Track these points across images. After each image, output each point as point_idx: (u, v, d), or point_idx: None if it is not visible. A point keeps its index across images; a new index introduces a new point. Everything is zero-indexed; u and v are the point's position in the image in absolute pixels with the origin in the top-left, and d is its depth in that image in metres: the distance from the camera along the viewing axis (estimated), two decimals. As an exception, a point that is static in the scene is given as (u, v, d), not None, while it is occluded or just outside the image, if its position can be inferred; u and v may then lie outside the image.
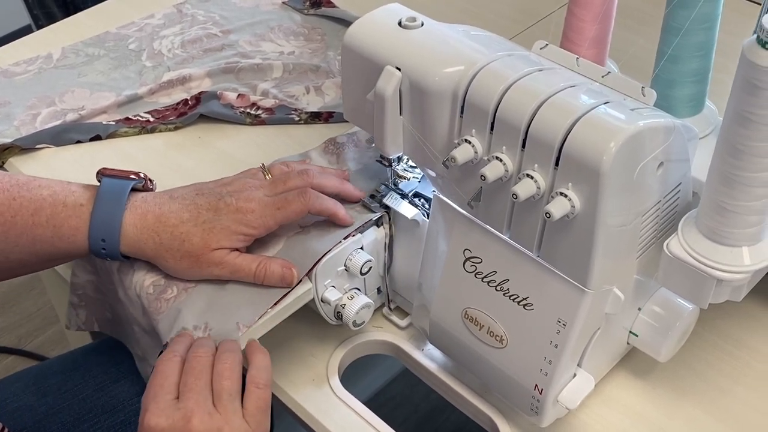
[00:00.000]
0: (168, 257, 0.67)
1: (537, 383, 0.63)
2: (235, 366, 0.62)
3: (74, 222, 0.67)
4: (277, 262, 0.67)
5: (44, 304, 1.83)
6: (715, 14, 0.66)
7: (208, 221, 0.67)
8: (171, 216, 0.67)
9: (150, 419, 0.58)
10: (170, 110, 0.90)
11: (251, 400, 0.61)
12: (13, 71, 0.97)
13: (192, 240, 0.66)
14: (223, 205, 0.68)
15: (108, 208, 0.67)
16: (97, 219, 0.67)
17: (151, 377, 0.61)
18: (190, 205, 0.68)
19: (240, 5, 1.07)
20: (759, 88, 0.50)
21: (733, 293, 0.60)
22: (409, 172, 0.75)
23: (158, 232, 0.67)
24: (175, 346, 0.63)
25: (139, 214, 0.67)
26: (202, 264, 0.67)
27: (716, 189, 0.56)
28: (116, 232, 0.67)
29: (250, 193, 0.68)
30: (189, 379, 0.60)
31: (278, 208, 0.68)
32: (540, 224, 0.59)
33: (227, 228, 0.67)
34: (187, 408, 0.58)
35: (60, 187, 0.68)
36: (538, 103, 0.56)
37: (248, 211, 0.67)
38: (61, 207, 0.67)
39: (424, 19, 0.66)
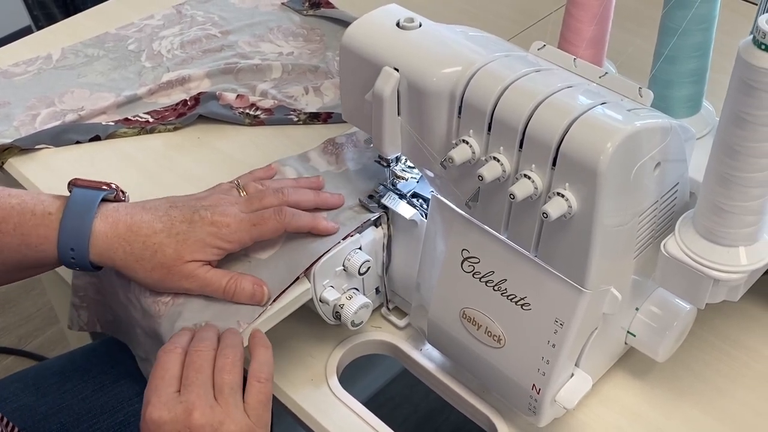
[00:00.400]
0: (138, 268, 0.66)
1: (535, 383, 0.63)
2: (237, 361, 0.62)
3: (42, 231, 0.66)
4: (248, 279, 0.67)
5: (44, 304, 1.84)
6: (712, 15, 0.66)
7: (182, 233, 0.66)
8: (143, 226, 0.66)
9: (152, 412, 0.58)
10: (169, 111, 0.90)
11: (252, 394, 0.61)
12: (13, 72, 0.97)
13: (165, 251, 0.66)
14: (198, 217, 0.67)
15: (77, 216, 0.66)
16: (66, 228, 0.66)
17: (153, 369, 0.61)
18: (164, 217, 0.67)
19: (239, 6, 1.07)
20: (755, 88, 0.50)
21: (730, 293, 0.60)
22: (407, 173, 0.75)
23: (129, 242, 0.66)
24: (177, 338, 0.64)
25: (110, 223, 0.66)
26: (173, 276, 0.66)
27: (713, 189, 0.56)
28: (85, 241, 0.66)
29: (225, 208, 0.68)
30: (190, 373, 0.60)
31: (254, 225, 0.67)
32: (537, 224, 0.59)
33: (201, 240, 0.66)
34: (188, 401, 0.58)
35: (29, 197, 0.68)
36: (535, 104, 0.57)
37: (223, 225, 0.67)
38: (29, 216, 0.66)
39: (422, 20, 0.66)
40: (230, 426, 0.58)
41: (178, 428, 0.57)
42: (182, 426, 0.57)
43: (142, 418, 0.58)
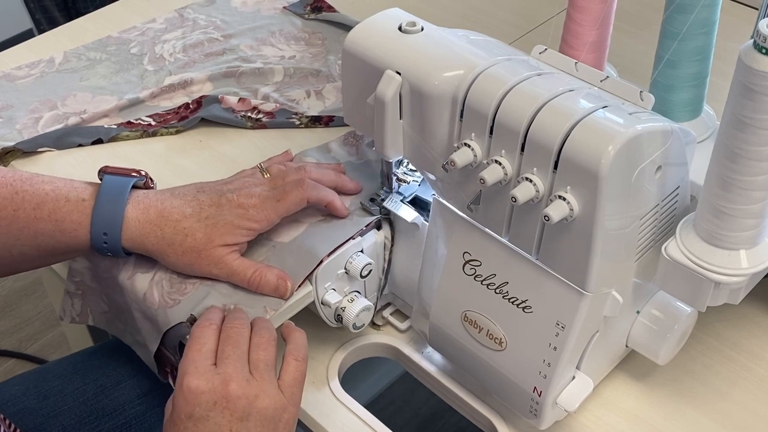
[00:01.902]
0: (170, 252, 0.68)
1: (536, 386, 0.63)
2: (272, 340, 0.63)
3: (76, 216, 0.68)
4: (273, 272, 0.68)
5: (44, 307, 1.84)
6: (713, 19, 0.66)
7: (211, 216, 0.68)
8: (174, 211, 0.68)
9: (190, 381, 0.59)
10: (171, 114, 0.90)
11: (288, 372, 0.62)
12: (16, 75, 0.97)
13: (195, 235, 0.67)
14: (225, 201, 0.68)
15: (110, 203, 0.68)
16: (99, 213, 0.67)
17: (189, 343, 0.62)
18: (192, 201, 0.69)
19: (241, 10, 1.07)
20: (756, 92, 0.50)
21: (731, 296, 0.61)
22: (408, 176, 0.76)
23: (161, 227, 0.67)
24: (210, 315, 0.65)
25: (142, 209, 0.68)
26: (202, 260, 0.67)
27: (714, 193, 0.56)
28: (118, 227, 0.67)
29: (250, 189, 0.69)
30: (226, 347, 0.61)
31: (278, 200, 0.69)
32: (539, 227, 0.59)
33: (230, 223, 0.67)
34: (226, 373, 0.59)
35: (62, 183, 0.69)
36: (537, 107, 0.57)
37: (250, 206, 0.68)
38: (63, 202, 0.68)
39: (424, 24, 0.66)
40: (265, 400, 0.59)
41: (215, 398, 0.58)
42: (219, 396, 0.58)
43: (179, 387, 0.59)
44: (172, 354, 0.69)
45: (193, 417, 0.58)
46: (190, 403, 0.58)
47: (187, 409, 0.58)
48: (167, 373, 0.71)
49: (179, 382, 0.60)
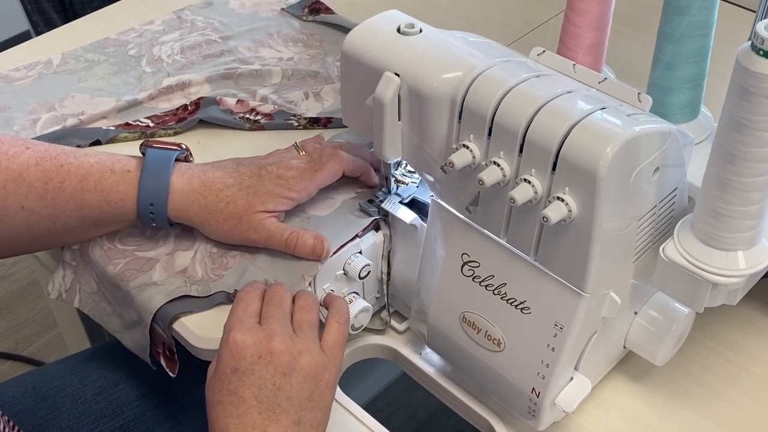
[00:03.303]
0: (212, 220, 0.70)
1: (534, 387, 0.64)
2: (315, 305, 0.66)
3: (123, 187, 0.70)
4: (310, 234, 0.70)
5: (41, 309, 1.84)
6: (710, 21, 0.66)
7: (252, 186, 0.71)
8: (216, 181, 0.71)
9: (236, 336, 0.60)
10: (170, 115, 0.90)
11: (331, 333, 0.64)
12: (14, 76, 0.97)
13: (237, 202, 0.70)
14: (264, 172, 0.72)
15: (156, 173, 0.70)
16: (145, 184, 0.70)
17: (235, 304, 0.64)
18: (234, 173, 0.71)
19: (239, 12, 1.07)
20: (753, 94, 0.50)
21: (729, 297, 0.61)
22: (407, 177, 0.76)
23: (204, 195, 0.70)
24: (254, 283, 0.68)
25: (186, 179, 0.70)
26: (242, 225, 0.70)
27: (712, 194, 0.57)
28: (164, 197, 0.70)
29: (288, 162, 0.73)
30: (270, 307, 0.63)
31: (316, 171, 0.72)
32: (537, 228, 0.59)
33: (270, 192, 0.70)
34: (270, 329, 0.61)
35: (106, 156, 0.72)
36: (535, 109, 0.57)
37: (289, 177, 0.71)
38: (109, 173, 0.70)
39: (423, 26, 0.66)
40: (308, 357, 0.61)
41: (260, 352, 0.60)
42: (264, 351, 0.60)
43: (225, 341, 0.61)
44: (163, 331, 0.70)
45: (238, 370, 0.60)
46: (236, 357, 0.60)
47: (232, 362, 0.60)
48: (158, 354, 0.71)
49: (225, 337, 0.61)
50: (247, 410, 0.59)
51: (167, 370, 0.71)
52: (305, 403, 0.60)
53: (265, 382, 0.59)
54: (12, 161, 0.69)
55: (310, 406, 0.60)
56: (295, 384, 0.60)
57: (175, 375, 0.71)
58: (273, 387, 0.59)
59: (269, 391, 0.59)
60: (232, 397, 0.59)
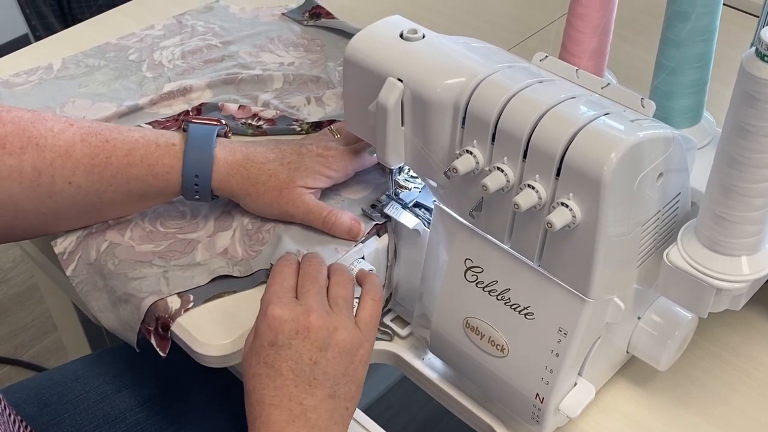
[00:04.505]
0: (252, 192, 0.73)
1: (538, 392, 0.64)
2: (350, 280, 0.66)
3: (168, 160, 0.72)
4: (347, 215, 0.73)
5: (40, 313, 1.83)
6: (713, 26, 0.66)
7: (293, 162, 0.73)
8: (258, 154, 0.73)
9: (274, 310, 0.61)
10: (171, 121, 0.90)
11: (366, 309, 0.65)
12: (14, 82, 0.97)
13: (279, 176, 0.72)
14: (305, 150, 0.74)
15: (199, 146, 0.72)
16: (190, 156, 0.71)
17: (271, 278, 0.65)
18: (274, 149, 0.74)
19: (239, 16, 1.07)
20: (758, 100, 0.50)
21: (732, 302, 0.61)
22: (410, 182, 0.76)
23: (247, 167, 0.72)
24: (289, 257, 0.68)
25: (229, 151, 0.73)
26: (282, 198, 0.72)
27: (715, 199, 0.57)
28: (209, 168, 0.72)
29: (327, 143, 0.75)
30: (306, 282, 0.64)
31: (355, 152, 0.75)
32: (541, 234, 0.59)
33: (311, 168, 0.73)
34: (307, 304, 0.62)
35: (149, 131, 0.74)
36: (539, 115, 0.57)
37: (329, 155, 0.74)
38: (154, 147, 0.72)
39: (426, 31, 0.66)
40: (343, 333, 0.62)
41: (297, 327, 0.61)
42: (301, 326, 0.61)
43: (263, 315, 0.62)
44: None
45: (276, 344, 0.60)
46: (274, 331, 0.61)
47: (270, 336, 0.61)
48: (149, 332, 0.71)
49: (263, 311, 0.62)
50: (283, 383, 0.60)
51: (157, 348, 0.70)
52: (340, 377, 0.61)
53: (301, 357, 0.60)
54: (58, 138, 0.70)
55: (344, 381, 0.62)
56: (330, 359, 0.61)
57: (165, 354, 0.70)
58: (309, 361, 0.60)
59: (306, 365, 0.60)
60: (269, 369, 0.60)
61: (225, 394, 0.87)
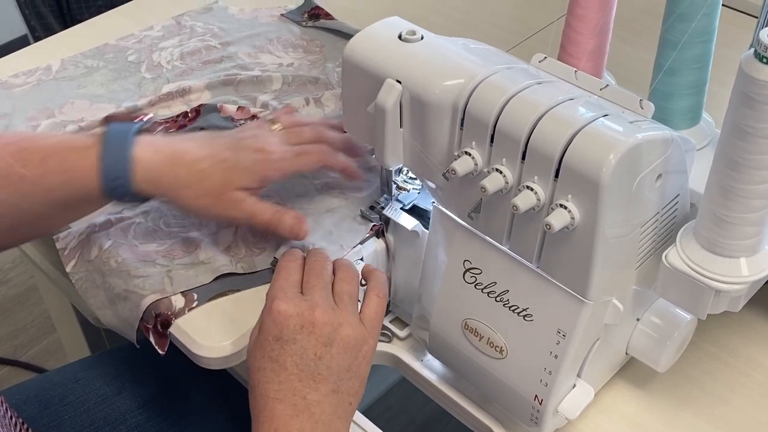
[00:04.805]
0: (184, 195, 0.68)
1: (537, 394, 0.64)
2: (355, 276, 0.66)
3: (85, 163, 0.67)
4: (291, 214, 0.70)
5: (39, 314, 1.83)
6: (712, 28, 0.66)
7: (228, 160, 0.68)
8: (188, 152, 0.68)
9: (279, 305, 0.61)
10: (170, 122, 0.90)
11: (371, 306, 0.65)
12: (13, 83, 0.97)
13: (212, 178, 0.67)
14: (243, 145, 0.69)
15: (116, 146, 0.67)
16: (107, 158, 0.67)
17: (276, 274, 0.64)
18: (207, 144, 0.69)
19: (238, 17, 1.07)
20: (757, 101, 0.50)
21: (731, 304, 0.61)
22: (409, 184, 0.76)
23: (175, 167, 0.67)
24: (294, 252, 0.67)
25: (152, 150, 0.67)
26: (221, 204, 0.68)
27: (714, 201, 0.57)
28: (127, 169, 0.67)
29: (267, 137, 0.71)
30: (311, 278, 0.64)
31: (298, 155, 0.71)
32: (540, 235, 0.59)
33: (247, 168, 0.68)
34: (312, 300, 0.62)
35: (67, 136, 0.71)
36: (537, 116, 0.57)
37: (269, 152, 0.69)
38: (69, 152, 0.68)
39: (424, 33, 0.66)
40: (348, 329, 0.62)
41: (302, 322, 0.61)
42: (306, 321, 0.61)
43: (268, 310, 0.62)
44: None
45: (281, 339, 0.60)
46: (279, 326, 0.61)
47: (275, 331, 0.61)
48: (147, 329, 0.71)
49: (268, 306, 0.62)
50: (288, 377, 0.60)
51: (156, 346, 0.70)
52: (344, 373, 0.61)
53: (306, 352, 0.60)
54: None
55: (348, 376, 0.62)
56: (335, 354, 0.61)
57: (164, 352, 0.70)
58: (314, 356, 0.60)
59: (310, 360, 0.60)
60: (273, 364, 0.60)
61: (224, 395, 0.87)
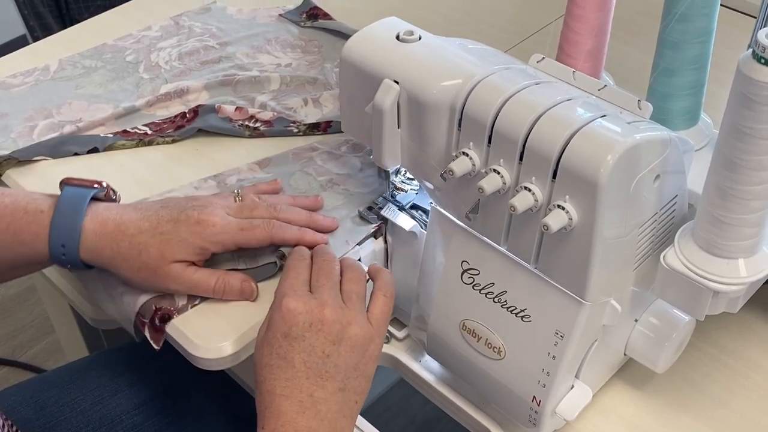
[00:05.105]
0: (124, 267, 0.68)
1: (535, 395, 0.63)
2: (363, 276, 0.67)
3: (35, 228, 0.68)
4: (236, 277, 0.70)
5: (39, 314, 1.83)
6: (710, 28, 0.66)
7: (166, 233, 0.68)
8: (131, 225, 0.68)
9: (289, 303, 0.61)
10: (168, 123, 0.90)
11: (378, 306, 0.65)
12: (10, 83, 0.97)
13: (149, 251, 0.67)
14: (184, 217, 0.68)
15: (68, 214, 0.68)
16: (57, 225, 0.68)
17: (285, 272, 0.65)
18: (152, 216, 0.69)
19: (237, 17, 1.07)
20: (755, 102, 0.50)
21: (730, 305, 0.61)
22: (406, 184, 0.76)
23: (117, 241, 0.68)
24: (302, 251, 0.68)
25: (100, 222, 0.68)
26: (158, 277, 0.68)
27: (712, 202, 0.56)
28: (76, 238, 0.67)
29: (213, 209, 0.69)
30: (320, 277, 0.64)
31: (241, 229, 0.69)
32: (537, 236, 0.59)
33: (185, 240, 0.67)
34: (321, 298, 0.62)
35: (22, 196, 0.70)
36: (535, 117, 0.57)
37: (209, 224, 0.68)
38: (21, 213, 0.68)
39: (422, 33, 0.66)
40: (356, 328, 0.62)
41: (311, 320, 0.61)
42: (315, 319, 0.61)
43: (278, 307, 0.62)
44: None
45: (289, 336, 0.61)
46: (288, 323, 0.61)
47: (283, 328, 0.61)
48: (143, 324, 0.71)
49: (277, 303, 0.62)
50: (295, 374, 0.60)
51: (151, 341, 0.70)
52: (351, 371, 0.62)
53: (314, 349, 0.61)
54: None
55: (355, 375, 0.62)
56: (343, 353, 0.61)
57: (158, 347, 0.70)
58: (322, 354, 0.61)
59: (318, 358, 0.60)
60: (281, 361, 0.61)
61: (222, 396, 0.86)
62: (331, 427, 0.60)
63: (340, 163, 0.82)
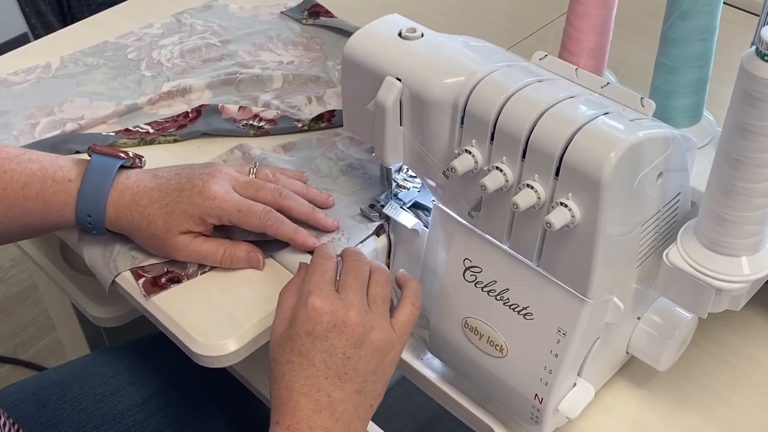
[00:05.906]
0: (138, 237, 0.71)
1: (537, 393, 0.63)
2: (389, 281, 0.66)
3: (63, 197, 0.70)
4: (242, 247, 0.71)
5: (40, 312, 1.83)
6: (713, 26, 0.66)
7: (170, 203, 0.69)
8: (144, 196, 0.70)
9: (314, 301, 0.61)
10: (170, 122, 0.90)
11: (404, 313, 0.65)
12: (12, 81, 0.97)
13: (156, 223, 0.69)
14: (189, 186, 0.70)
15: (95, 186, 0.70)
16: (84, 196, 0.70)
17: (312, 269, 0.65)
18: (164, 186, 0.70)
19: (238, 15, 1.07)
20: (758, 99, 0.50)
21: (733, 303, 0.61)
22: (408, 182, 0.75)
23: (131, 212, 0.70)
24: (329, 248, 0.68)
25: (119, 192, 0.70)
26: (167, 248, 0.70)
27: (715, 199, 0.56)
28: (101, 211, 0.70)
29: (218, 180, 0.70)
30: (349, 277, 0.64)
31: (238, 210, 0.70)
32: (540, 234, 0.59)
33: (185, 212, 0.69)
34: (347, 300, 0.62)
35: (49, 162, 0.71)
36: (538, 114, 0.57)
37: (209, 196, 0.69)
38: (50, 182, 0.70)
39: (424, 30, 0.66)
40: (378, 333, 0.62)
41: (335, 321, 0.61)
42: (339, 320, 0.61)
43: (303, 304, 0.62)
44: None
45: (312, 334, 0.61)
46: (312, 321, 0.61)
47: (307, 326, 0.61)
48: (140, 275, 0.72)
49: (303, 300, 0.62)
50: (315, 373, 0.60)
51: (141, 289, 0.71)
52: (369, 375, 0.62)
53: (336, 350, 0.61)
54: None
55: (372, 379, 0.62)
56: (363, 356, 0.61)
57: (147, 296, 0.71)
58: (343, 356, 0.61)
59: (339, 359, 0.61)
60: (302, 358, 0.61)
61: (224, 394, 0.86)
62: (346, 428, 0.60)
63: (362, 148, 0.83)
